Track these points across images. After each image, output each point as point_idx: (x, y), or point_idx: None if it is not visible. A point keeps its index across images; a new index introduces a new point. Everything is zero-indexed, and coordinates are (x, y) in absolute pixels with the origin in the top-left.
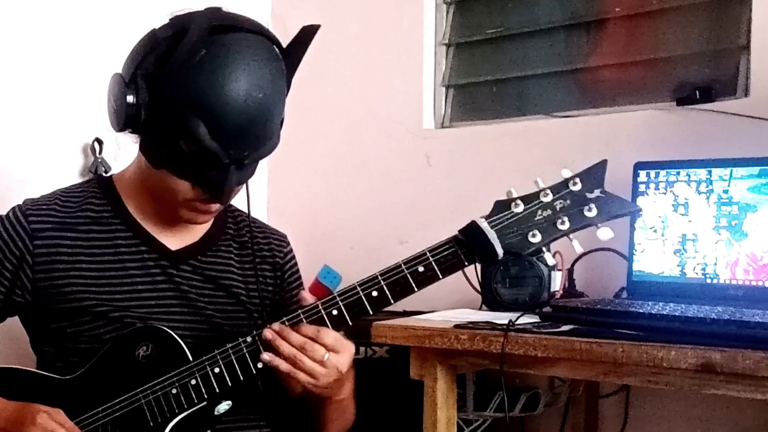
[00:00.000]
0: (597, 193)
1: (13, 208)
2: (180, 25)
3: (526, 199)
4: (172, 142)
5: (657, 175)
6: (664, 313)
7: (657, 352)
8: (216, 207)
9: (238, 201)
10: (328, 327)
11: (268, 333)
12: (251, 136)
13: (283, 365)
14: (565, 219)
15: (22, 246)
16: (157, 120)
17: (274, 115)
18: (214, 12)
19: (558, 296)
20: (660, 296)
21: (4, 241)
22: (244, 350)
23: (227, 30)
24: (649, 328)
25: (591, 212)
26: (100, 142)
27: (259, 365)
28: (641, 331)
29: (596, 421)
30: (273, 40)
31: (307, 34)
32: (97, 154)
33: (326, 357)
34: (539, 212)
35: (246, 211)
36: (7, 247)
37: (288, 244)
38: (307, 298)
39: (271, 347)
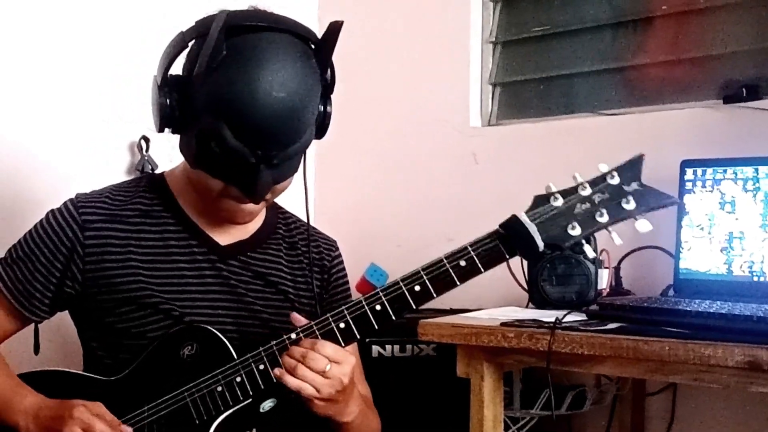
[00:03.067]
0: (635, 185)
1: (65, 202)
2: (204, 27)
3: (565, 193)
4: (203, 142)
5: (704, 173)
6: (711, 311)
7: (704, 350)
8: (252, 206)
9: (288, 203)
10: (372, 323)
11: None
12: (277, 135)
13: (291, 381)
14: (604, 211)
15: (74, 237)
16: (188, 121)
17: (301, 112)
18: (236, 13)
19: (605, 294)
20: (707, 294)
21: (55, 232)
22: (289, 347)
23: (248, 30)
24: (696, 326)
25: (629, 205)
26: (146, 139)
27: None
28: (688, 329)
29: (643, 420)
30: (303, 37)
31: (333, 31)
32: (144, 152)
33: (328, 367)
34: (578, 205)
35: (296, 213)
36: (59, 238)
37: (337, 249)
38: (300, 319)
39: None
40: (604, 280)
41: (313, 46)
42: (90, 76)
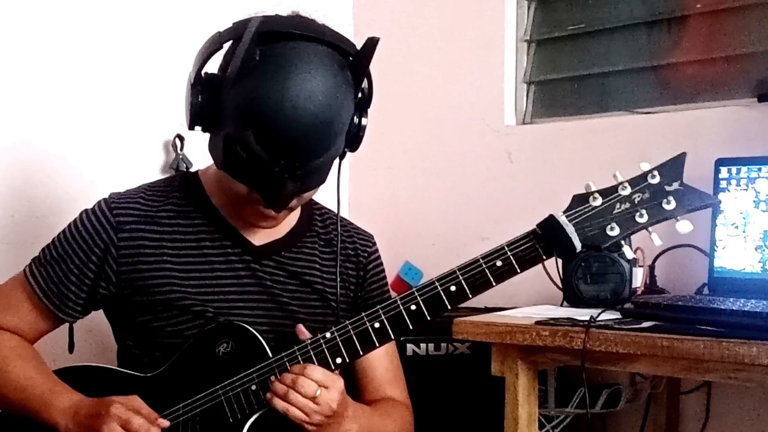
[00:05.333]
0: (676, 185)
1: (99, 202)
2: (240, 29)
3: (605, 192)
4: (230, 145)
5: (738, 171)
6: (746, 309)
7: (738, 348)
8: (277, 213)
9: (325, 199)
10: (407, 323)
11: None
12: (302, 147)
13: (280, 404)
14: (644, 212)
15: (107, 239)
16: (217, 121)
17: (329, 126)
18: (272, 19)
19: (639, 292)
20: (741, 292)
21: (89, 233)
22: (323, 346)
23: (282, 38)
24: (731, 325)
25: (670, 205)
26: (181, 138)
27: (338, 360)
28: (723, 327)
29: (677, 418)
30: (339, 49)
31: (370, 45)
32: (179, 151)
33: (318, 393)
34: (617, 205)
35: (332, 209)
36: (93, 239)
37: (374, 244)
38: (305, 332)
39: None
40: (638, 278)
41: (350, 58)
42: (125, 74)
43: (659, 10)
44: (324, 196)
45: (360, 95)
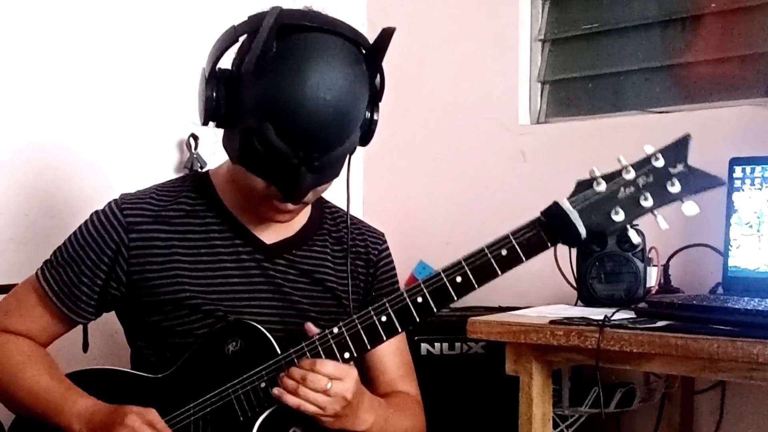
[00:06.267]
0: (680, 167)
1: (109, 203)
2: (256, 23)
3: (608, 177)
4: (247, 139)
5: (752, 170)
6: (760, 308)
7: (753, 348)
8: (293, 206)
9: (335, 197)
10: (413, 315)
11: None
12: (321, 139)
13: (291, 399)
14: (649, 195)
15: (118, 239)
16: (233, 116)
17: (347, 117)
18: (288, 12)
19: (653, 292)
20: (756, 292)
21: (100, 235)
22: (331, 341)
23: (299, 30)
24: (745, 324)
25: (674, 187)
26: (195, 137)
27: (346, 355)
28: (737, 326)
29: (692, 417)
30: (354, 41)
31: (384, 37)
32: (193, 150)
33: (329, 386)
34: (622, 190)
35: (343, 207)
36: (103, 240)
37: (384, 242)
38: (313, 329)
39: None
40: (652, 277)
41: (363, 51)
42: (139, 73)
43: (673, 9)
44: (335, 193)
45: (373, 89)
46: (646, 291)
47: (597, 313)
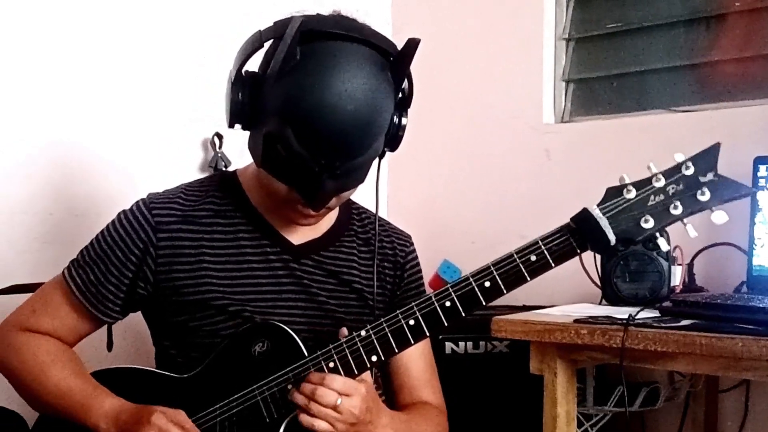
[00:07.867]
0: (710, 176)
1: (137, 202)
2: (281, 28)
3: (639, 184)
4: (270, 143)
5: None
6: None
7: None
8: (315, 212)
9: (362, 199)
10: (441, 319)
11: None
12: (342, 146)
13: (305, 419)
14: (678, 203)
15: (146, 238)
16: (257, 119)
17: (369, 125)
18: (313, 18)
19: (678, 291)
20: None
21: (128, 233)
22: (359, 344)
23: (324, 37)
24: None
25: (704, 196)
26: (220, 136)
27: (374, 358)
28: (761, 325)
29: (716, 416)
30: (380, 49)
31: (410, 46)
32: (217, 149)
33: (339, 401)
34: (652, 197)
35: (371, 209)
36: (131, 239)
37: (411, 244)
38: (345, 333)
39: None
40: (677, 276)
41: (390, 59)
42: (164, 72)
43: (698, 8)
44: (362, 195)
45: (400, 95)
46: (671, 290)
47: (621, 312)
